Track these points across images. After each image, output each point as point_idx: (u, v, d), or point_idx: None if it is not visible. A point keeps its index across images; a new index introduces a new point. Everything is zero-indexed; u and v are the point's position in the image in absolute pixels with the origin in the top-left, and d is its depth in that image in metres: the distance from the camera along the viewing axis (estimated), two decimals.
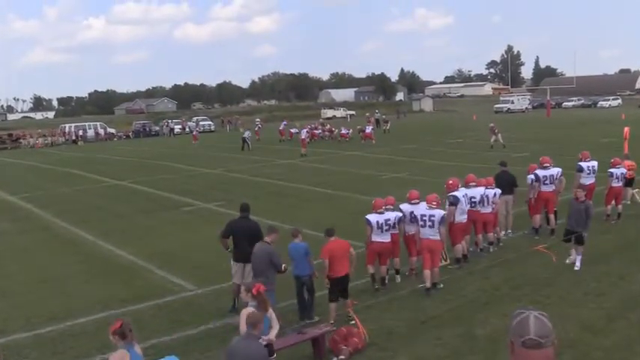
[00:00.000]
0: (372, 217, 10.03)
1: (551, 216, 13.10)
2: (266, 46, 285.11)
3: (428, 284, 9.76)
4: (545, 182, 12.96)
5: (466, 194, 11.43)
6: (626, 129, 20.88)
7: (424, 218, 9.95)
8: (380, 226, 9.96)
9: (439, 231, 9.88)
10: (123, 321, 5.33)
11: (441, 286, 10.02)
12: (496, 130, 32.24)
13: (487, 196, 11.78)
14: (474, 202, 11.63)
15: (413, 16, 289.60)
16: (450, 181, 11.60)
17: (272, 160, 31.16)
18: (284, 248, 9.02)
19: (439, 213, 9.96)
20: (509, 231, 13.16)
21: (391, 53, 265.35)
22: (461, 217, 11.20)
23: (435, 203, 10.06)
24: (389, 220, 10.06)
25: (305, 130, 36.71)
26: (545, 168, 13.06)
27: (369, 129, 39.93)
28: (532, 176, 13.03)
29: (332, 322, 8.56)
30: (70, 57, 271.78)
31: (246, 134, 39.03)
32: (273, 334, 6.43)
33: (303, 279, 8.91)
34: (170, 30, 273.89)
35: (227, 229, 9.53)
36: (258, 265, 8.37)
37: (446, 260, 11.22)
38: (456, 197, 11.12)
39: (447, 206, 11.03)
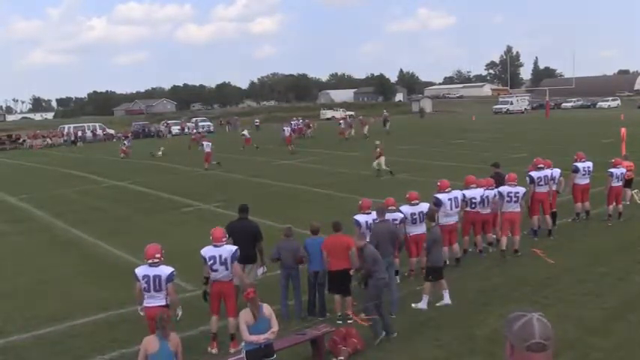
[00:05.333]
0: (361, 218, 10.12)
1: (547, 217, 13.10)
2: (265, 47, 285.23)
3: (503, 247, 11.61)
4: (540, 183, 12.94)
5: (455, 197, 11.34)
6: (622, 130, 20.92)
7: (510, 195, 11.69)
8: (369, 227, 9.99)
9: (520, 204, 11.78)
10: (160, 315, 5.82)
11: (519, 254, 11.53)
12: (379, 151, 23.85)
13: (487, 197, 11.81)
14: (474, 203, 11.64)
15: (412, 17, 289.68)
16: (439, 183, 11.59)
17: (271, 161, 31.15)
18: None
19: (522, 190, 11.90)
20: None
21: (390, 54, 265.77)
22: (445, 220, 11.11)
23: (516, 182, 11.87)
24: (376, 220, 10.07)
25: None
26: (539, 169, 13.05)
27: (287, 131, 39.63)
28: (527, 178, 13.05)
29: (339, 314, 8.85)
30: (70, 58, 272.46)
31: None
32: (274, 328, 6.42)
33: (319, 274, 9.10)
34: (171, 31, 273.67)
35: (225, 231, 9.49)
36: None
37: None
38: (439, 200, 11.14)
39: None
